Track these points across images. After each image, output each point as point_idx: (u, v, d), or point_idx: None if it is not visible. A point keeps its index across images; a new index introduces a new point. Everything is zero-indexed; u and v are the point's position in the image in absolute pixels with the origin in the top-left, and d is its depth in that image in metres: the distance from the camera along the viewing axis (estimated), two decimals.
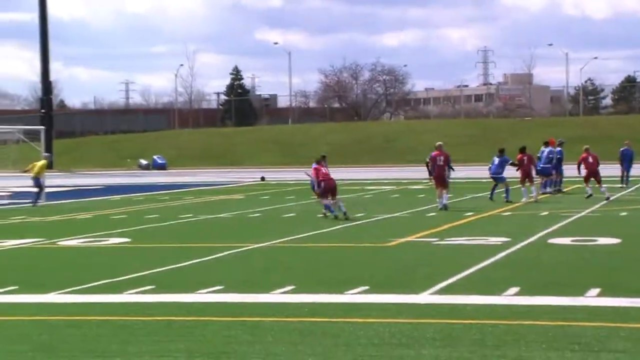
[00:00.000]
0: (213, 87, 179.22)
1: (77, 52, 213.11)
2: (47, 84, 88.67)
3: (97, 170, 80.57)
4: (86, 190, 47.25)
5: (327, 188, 27.14)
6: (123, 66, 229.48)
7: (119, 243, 21.85)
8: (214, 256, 18.77)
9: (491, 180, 33.48)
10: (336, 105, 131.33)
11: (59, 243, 22.07)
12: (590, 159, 32.77)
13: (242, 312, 12.58)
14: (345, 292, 13.88)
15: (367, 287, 14.25)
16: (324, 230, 23.90)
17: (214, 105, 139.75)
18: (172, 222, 27.43)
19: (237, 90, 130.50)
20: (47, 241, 22.42)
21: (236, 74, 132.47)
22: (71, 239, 22.71)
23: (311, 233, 23.09)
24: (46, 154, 36.94)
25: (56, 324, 12.02)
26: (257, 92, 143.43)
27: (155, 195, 42.12)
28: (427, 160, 32.17)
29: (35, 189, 35.07)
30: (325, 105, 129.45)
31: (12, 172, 47.07)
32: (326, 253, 19.56)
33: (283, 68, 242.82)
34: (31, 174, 35.26)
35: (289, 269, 17.01)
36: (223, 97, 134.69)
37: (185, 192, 45.04)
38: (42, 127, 44.93)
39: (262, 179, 55.59)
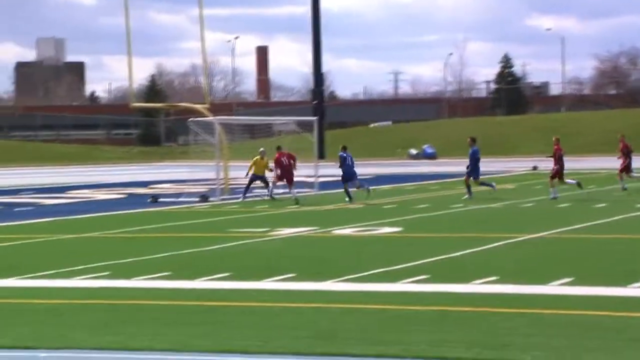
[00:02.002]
0: (483, 75, 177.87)
1: (347, 44, 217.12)
2: (319, 76, 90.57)
3: (367, 160, 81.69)
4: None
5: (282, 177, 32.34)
6: (392, 56, 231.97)
7: (391, 232, 21.94)
8: (486, 246, 18.49)
9: None
10: (612, 92, 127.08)
11: (333, 232, 22.41)
12: None
13: (519, 303, 12.28)
14: (630, 286, 13.28)
15: None
16: (602, 220, 23.08)
17: (483, 93, 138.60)
18: (443, 212, 27.32)
19: (507, 78, 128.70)
20: (321, 230, 22.81)
21: (506, 62, 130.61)
22: (344, 228, 23.02)
23: (588, 224, 22.35)
24: (261, 150, 34.77)
25: (334, 312, 12.14)
26: (528, 80, 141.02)
27: (425, 184, 42.18)
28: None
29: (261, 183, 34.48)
30: (601, 92, 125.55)
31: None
32: (607, 244, 18.89)
33: (555, 55, 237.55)
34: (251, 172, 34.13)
35: (566, 260, 16.51)
36: (493, 86, 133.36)
37: (455, 181, 44.79)
38: (315, 117, 45.91)
39: (535, 168, 54.55)
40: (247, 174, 34.41)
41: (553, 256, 17.12)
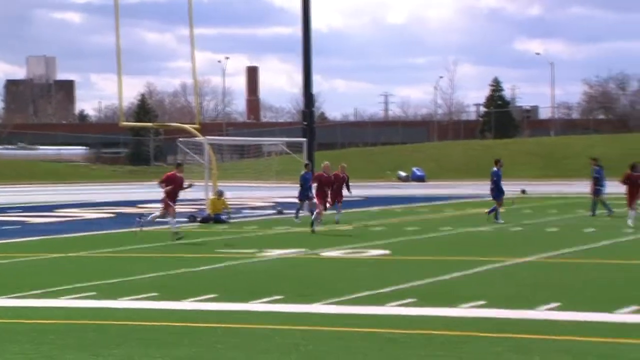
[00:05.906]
0: (472, 98, 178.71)
1: (336, 65, 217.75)
2: (309, 97, 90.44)
3: (356, 182, 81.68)
4: (346, 202, 47.83)
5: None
6: (382, 78, 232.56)
7: (379, 255, 21.91)
8: (475, 270, 18.47)
9: None
10: (601, 117, 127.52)
11: (321, 254, 22.37)
12: None
13: (507, 328, 12.25)
14: (616, 312, 13.27)
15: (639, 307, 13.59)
16: (591, 245, 23.10)
17: (473, 117, 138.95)
18: (432, 235, 27.31)
19: (497, 101, 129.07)
20: (310, 251, 22.77)
21: (496, 85, 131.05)
22: (332, 250, 22.98)
23: (577, 248, 22.37)
24: None
25: (322, 334, 12.09)
26: (518, 104, 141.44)
27: (414, 207, 42.17)
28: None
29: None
30: (590, 117, 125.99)
31: (275, 184, 48.37)
32: (594, 269, 18.86)
33: (544, 79, 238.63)
34: None
35: (555, 285, 16.49)
36: (482, 109, 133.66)
37: (444, 204, 44.83)
38: (304, 139, 45.91)
39: (523, 191, 54.65)
40: None
41: (541, 281, 17.10)
